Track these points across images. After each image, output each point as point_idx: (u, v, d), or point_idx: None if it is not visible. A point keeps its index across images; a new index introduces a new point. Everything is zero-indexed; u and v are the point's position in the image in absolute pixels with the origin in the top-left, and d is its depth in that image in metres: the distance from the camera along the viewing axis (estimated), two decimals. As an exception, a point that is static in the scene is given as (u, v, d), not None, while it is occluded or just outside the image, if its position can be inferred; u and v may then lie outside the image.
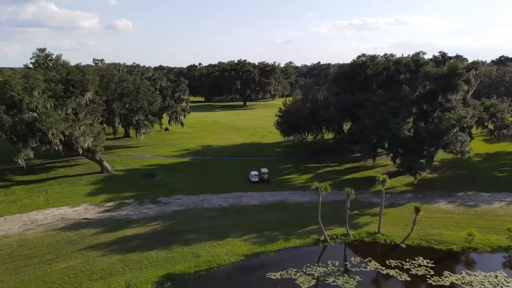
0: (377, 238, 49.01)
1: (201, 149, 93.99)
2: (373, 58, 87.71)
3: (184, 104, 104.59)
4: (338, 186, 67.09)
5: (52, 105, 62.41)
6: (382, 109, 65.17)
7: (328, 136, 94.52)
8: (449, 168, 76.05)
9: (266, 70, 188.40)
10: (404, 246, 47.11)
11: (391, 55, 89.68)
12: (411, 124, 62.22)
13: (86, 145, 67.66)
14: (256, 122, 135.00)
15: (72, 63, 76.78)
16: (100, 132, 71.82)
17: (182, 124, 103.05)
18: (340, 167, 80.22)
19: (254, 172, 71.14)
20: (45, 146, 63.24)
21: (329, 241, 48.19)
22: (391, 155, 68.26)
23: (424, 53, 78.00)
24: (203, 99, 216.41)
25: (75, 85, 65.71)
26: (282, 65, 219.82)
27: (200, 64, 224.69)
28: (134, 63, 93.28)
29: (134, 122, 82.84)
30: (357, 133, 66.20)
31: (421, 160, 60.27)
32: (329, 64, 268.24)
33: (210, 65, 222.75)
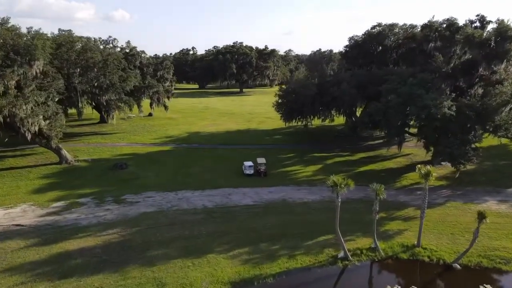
0: (417, 254, 35.08)
1: (187, 136, 79.75)
2: (392, 26, 73.11)
3: (168, 84, 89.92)
4: (353, 180, 53.85)
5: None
6: (412, 83, 50.86)
7: (339, 120, 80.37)
8: (487, 158, 61.94)
9: (264, 53, 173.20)
10: (458, 267, 33.21)
11: (411, 25, 75.03)
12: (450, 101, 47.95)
13: (35, 128, 53.31)
14: (253, 108, 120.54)
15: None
16: (58, 114, 57.40)
17: (165, 107, 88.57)
18: (353, 156, 66.24)
19: (249, 163, 57.07)
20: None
21: (350, 258, 34.28)
22: (423, 141, 53.93)
23: (455, 19, 63.48)
24: (197, 86, 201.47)
25: (19, 51, 51.12)
26: (281, 52, 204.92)
27: (193, 48, 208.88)
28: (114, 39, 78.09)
29: (104, 103, 68.20)
30: (378, 114, 51.94)
31: (465, 147, 46.16)
32: (331, 50, 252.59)
33: (205, 51, 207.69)
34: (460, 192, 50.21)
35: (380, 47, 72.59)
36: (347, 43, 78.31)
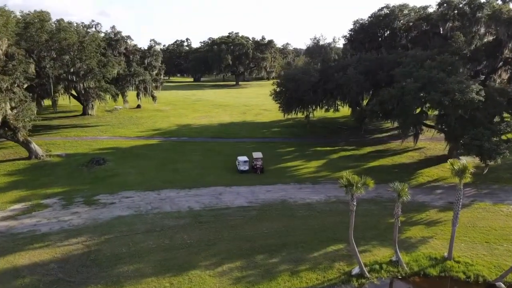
0: (450, 269, 28.41)
1: (176, 129, 72.83)
2: (401, 8, 66.19)
3: (156, 73, 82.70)
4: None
5: None
6: (430, 65, 44.11)
7: (342, 112, 73.63)
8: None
9: (261, 44, 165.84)
10: (503, 286, 26.65)
11: (423, 7, 68.00)
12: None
13: (-2, 118, 46.32)
14: (249, 100, 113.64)
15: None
16: (25, 102, 50.30)
17: (153, 98, 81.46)
18: (360, 151, 59.62)
19: (243, 158, 50.27)
20: None
21: (368, 275, 27.59)
22: (444, 131, 47.12)
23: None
24: (192, 80, 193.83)
25: (-25, 29, 44.06)
26: (279, 45, 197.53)
27: (187, 39, 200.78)
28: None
29: (82, 91, 60.97)
30: (392, 101, 45.17)
31: (494, 138, 39.49)
32: (334, 37, 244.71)
33: (200, 43, 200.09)
34: (486, 191, 43.70)
35: (388, 31, 65.79)
36: (351, 26, 71.38)
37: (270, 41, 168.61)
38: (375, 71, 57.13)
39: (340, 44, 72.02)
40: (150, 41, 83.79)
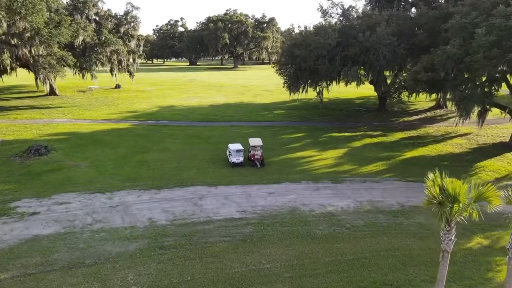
0: None
1: (156, 111, 59.39)
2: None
3: (134, 43, 68.69)
4: (398, 172, 34.16)
5: None
6: (506, 12, 30.20)
7: (360, 92, 60.12)
8: None
9: (261, 22, 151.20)
10: None
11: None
12: None
13: None
14: (248, 81, 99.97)
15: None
16: None
17: (130, 74, 67.69)
18: (388, 137, 46.14)
19: (236, 146, 36.71)
20: None
21: None
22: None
23: None
24: (187, 64, 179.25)
25: None
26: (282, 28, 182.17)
27: (182, 19, 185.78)
28: None
29: (31, 60, 47.17)
30: (447, 65, 31.39)
31: None
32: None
33: (196, 23, 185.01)
34: None
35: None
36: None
37: (272, 19, 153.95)
38: (411, 33, 43.24)
39: (360, 5, 55.97)
40: (127, 5, 69.65)
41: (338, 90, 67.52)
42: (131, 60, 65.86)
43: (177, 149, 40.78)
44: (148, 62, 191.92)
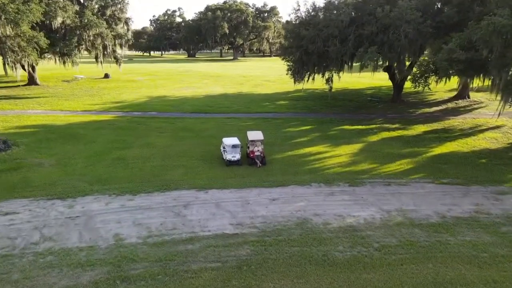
0: None
1: (144, 102, 53.30)
2: None
3: (121, 27, 62.35)
4: (428, 172, 28.11)
5: None
6: None
7: (369, 82, 54.05)
8: None
9: (262, 11, 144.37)
10: None
11: None
12: None
13: None
14: (248, 71, 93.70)
15: None
16: None
17: (117, 61, 61.44)
18: (408, 130, 40.00)
19: (232, 141, 30.56)
20: None
21: None
22: None
23: None
24: (186, 56, 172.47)
25: None
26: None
27: (179, 9, 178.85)
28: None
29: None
30: (491, 40, 25.14)
31: None
32: None
33: (195, 14, 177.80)
34: None
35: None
36: None
37: (273, 8, 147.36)
38: (437, 10, 36.89)
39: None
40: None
41: (346, 81, 61.42)
42: (118, 46, 59.69)
43: (163, 145, 34.68)
44: (145, 54, 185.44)
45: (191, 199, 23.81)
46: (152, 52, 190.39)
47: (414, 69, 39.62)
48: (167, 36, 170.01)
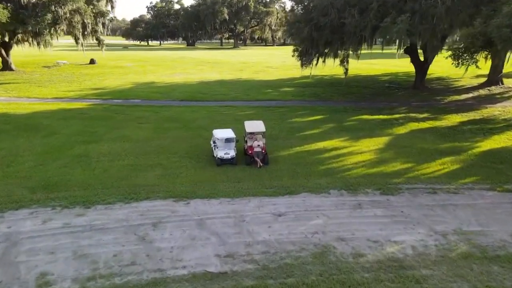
0: None
1: (129, 89, 46.53)
2: None
3: (104, 4, 55.22)
4: (483, 174, 20.89)
5: None
6: None
7: (391, 67, 47.20)
8: None
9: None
10: None
11: None
12: None
13: None
14: (249, 58, 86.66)
15: None
16: None
17: (99, 42, 54.55)
18: (441, 121, 33.10)
19: (224, 133, 23.79)
20: None
21: None
22: None
23: None
24: (185, 45, 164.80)
25: None
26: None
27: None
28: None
29: None
30: None
31: None
32: None
33: (195, 1, 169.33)
34: None
35: None
36: None
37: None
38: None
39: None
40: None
41: (356, 67, 54.29)
42: (100, 25, 52.74)
43: (141, 138, 27.92)
44: (142, 43, 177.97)
45: (165, 215, 17.09)
46: (150, 42, 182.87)
47: (455, 45, 32.55)
48: (165, 24, 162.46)
